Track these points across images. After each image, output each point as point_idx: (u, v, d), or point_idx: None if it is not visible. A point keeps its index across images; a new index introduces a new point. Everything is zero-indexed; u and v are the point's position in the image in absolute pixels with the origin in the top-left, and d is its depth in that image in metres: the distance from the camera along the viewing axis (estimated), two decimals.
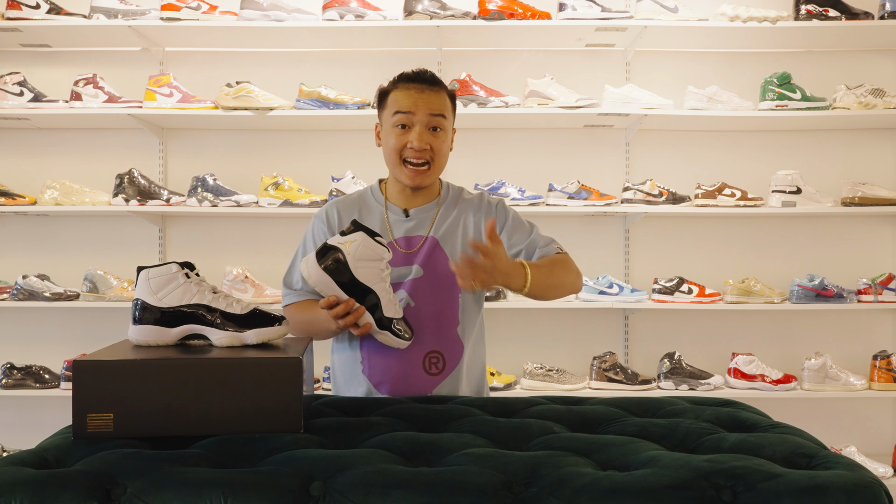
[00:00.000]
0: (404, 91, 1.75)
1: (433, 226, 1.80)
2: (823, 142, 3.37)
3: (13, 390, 3.11)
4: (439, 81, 1.79)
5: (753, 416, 1.38)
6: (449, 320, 1.77)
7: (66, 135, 3.38)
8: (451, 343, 1.76)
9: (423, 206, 1.82)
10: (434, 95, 1.75)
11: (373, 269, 1.50)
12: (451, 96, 1.80)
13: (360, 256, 1.48)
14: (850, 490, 1.00)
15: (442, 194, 1.85)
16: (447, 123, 1.77)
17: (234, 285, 3.12)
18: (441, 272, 1.76)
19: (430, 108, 1.73)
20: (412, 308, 1.74)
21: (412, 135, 1.72)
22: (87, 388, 1.20)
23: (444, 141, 1.76)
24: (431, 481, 1.03)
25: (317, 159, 3.35)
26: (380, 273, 1.52)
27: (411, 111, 1.73)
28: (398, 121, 1.74)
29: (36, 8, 3.10)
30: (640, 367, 3.32)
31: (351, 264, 1.48)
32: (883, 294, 3.14)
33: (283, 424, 1.22)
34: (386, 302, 1.53)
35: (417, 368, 1.74)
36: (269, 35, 3.18)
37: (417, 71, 1.78)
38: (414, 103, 1.73)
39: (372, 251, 1.49)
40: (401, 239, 1.79)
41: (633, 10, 3.13)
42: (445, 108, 1.76)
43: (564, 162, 3.35)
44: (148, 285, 1.35)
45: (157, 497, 1.02)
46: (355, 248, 1.47)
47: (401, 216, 1.81)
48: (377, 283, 1.51)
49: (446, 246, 1.79)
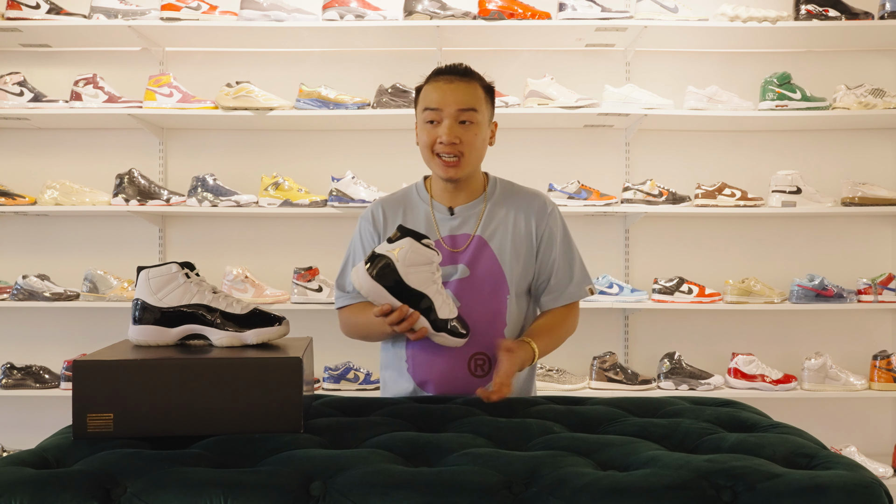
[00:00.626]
0: (434, 85, 1.73)
1: (480, 224, 1.77)
2: (823, 142, 3.37)
3: (13, 390, 3.11)
4: (472, 73, 1.75)
5: (753, 416, 1.38)
6: (496, 322, 1.74)
7: (66, 135, 3.38)
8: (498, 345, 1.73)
9: (468, 203, 1.79)
10: (464, 87, 1.71)
11: (423, 274, 1.49)
12: (486, 88, 1.76)
13: (410, 262, 1.47)
14: (850, 490, 1.00)
15: (488, 190, 1.82)
16: (478, 116, 1.72)
17: (234, 285, 3.12)
18: (488, 272, 1.74)
19: (458, 102, 1.70)
20: (459, 309, 1.71)
21: (441, 129, 1.70)
22: (87, 388, 1.20)
23: (477, 134, 1.72)
24: (431, 481, 1.03)
25: (317, 159, 3.35)
26: (430, 276, 1.50)
27: (439, 107, 1.70)
28: (427, 117, 1.72)
29: (36, 8, 3.10)
30: (640, 367, 3.32)
31: (401, 271, 1.47)
32: (883, 294, 3.14)
33: (283, 424, 1.22)
34: (440, 304, 1.52)
35: (462, 370, 1.72)
36: (269, 35, 3.18)
37: (451, 66, 1.76)
38: (442, 98, 1.70)
39: (421, 256, 1.48)
40: (447, 237, 1.77)
41: (633, 10, 3.13)
42: (477, 101, 1.72)
43: (564, 162, 3.35)
44: (148, 285, 1.35)
45: (157, 497, 1.02)
46: (404, 254, 1.46)
47: (446, 214, 1.79)
48: (429, 287, 1.50)
49: (493, 244, 1.76)
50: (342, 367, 3.14)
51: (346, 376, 3.13)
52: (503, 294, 1.75)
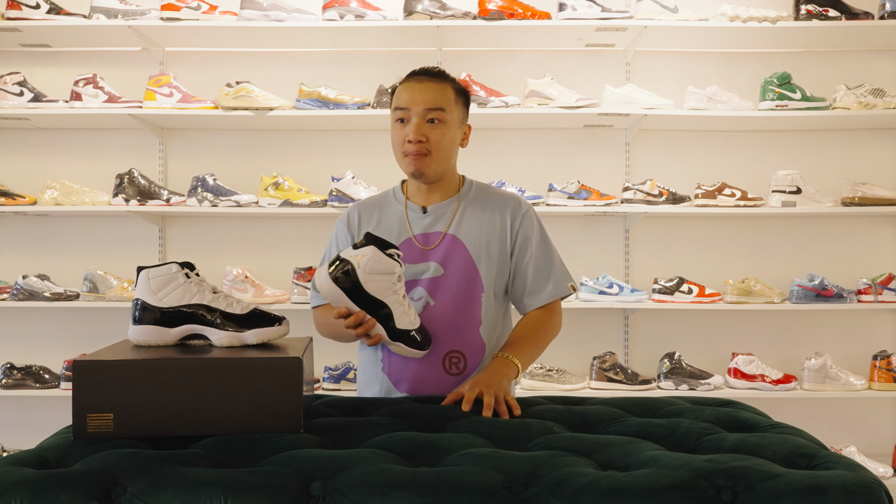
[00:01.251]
0: (404, 86, 1.75)
1: (452, 221, 1.78)
2: (823, 142, 3.37)
3: (13, 390, 3.11)
4: (444, 75, 1.77)
5: (753, 416, 1.38)
6: (471, 320, 1.74)
7: (66, 135, 3.38)
8: (472, 343, 1.74)
9: (441, 202, 1.80)
10: (433, 87, 1.73)
11: (383, 283, 1.50)
12: (458, 90, 1.78)
13: (371, 270, 1.48)
14: (850, 490, 1.00)
15: (462, 190, 1.83)
16: (446, 116, 1.73)
17: (234, 285, 3.12)
18: (461, 270, 1.74)
19: (426, 101, 1.71)
20: (431, 307, 1.72)
21: (409, 128, 1.72)
22: (87, 388, 1.20)
23: (444, 133, 1.73)
24: (431, 481, 1.03)
25: (317, 159, 3.35)
26: (391, 286, 1.51)
27: (408, 106, 1.72)
28: (396, 115, 1.74)
29: (36, 8, 3.10)
30: (640, 367, 3.32)
31: (361, 278, 1.48)
32: (883, 294, 3.14)
33: (283, 424, 1.22)
34: (399, 314, 1.53)
35: (437, 368, 1.72)
36: (269, 35, 3.18)
37: (424, 67, 1.78)
38: (411, 97, 1.72)
39: (382, 265, 1.49)
40: (419, 235, 1.78)
41: (633, 10, 3.13)
42: (445, 101, 1.73)
43: (564, 162, 3.35)
44: (148, 285, 1.35)
45: (157, 497, 1.02)
46: (366, 262, 1.48)
47: (419, 213, 1.80)
48: (389, 297, 1.51)
49: (466, 242, 1.76)
50: (342, 367, 3.14)
51: (346, 376, 3.13)
52: (478, 292, 1.75)
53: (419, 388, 1.72)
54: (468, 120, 1.84)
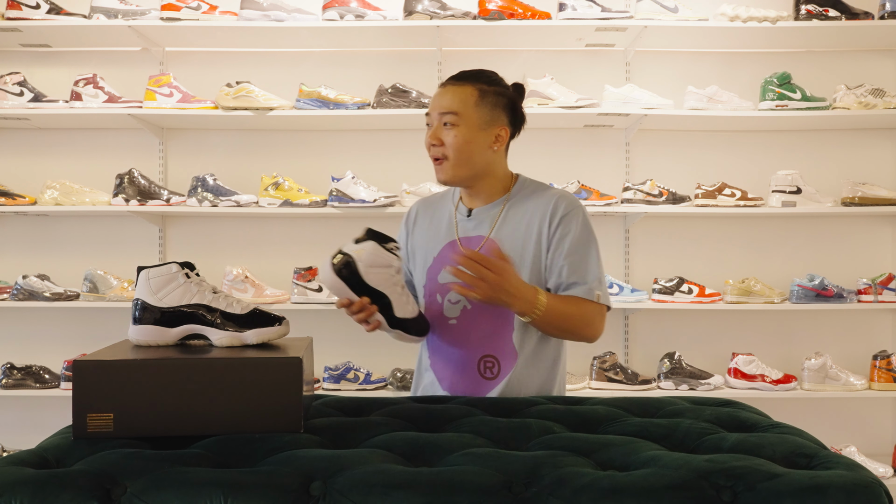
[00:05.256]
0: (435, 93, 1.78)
1: (495, 226, 1.75)
2: (823, 142, 3.37)
3: (13, 390, 3.11)
4: (473, 77, 1.73)
5: (753, 416, 1.38)
6: (504, 325, 1.72)
7: (66, 135, 3.38)
8: (505, 349, 1.72)
9: (485, 205, 1.78)
10: (452, 91, 1.71)
11: (382, 275, 1.57)
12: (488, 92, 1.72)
13: (370, 263, 1.56)
14: (850, 490, 1.00)
15: (512, 192, 1.79)
16: (459, 119, 1.69)
17: (234, 285, 3.12)
18: None
19: (441, 106, 1.71)
20: (468, 311, 1.73)
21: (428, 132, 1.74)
22: (87, 388, 1.20)
23: (457, 135, 1.69)
24: (431, 481, 1.03)
25: (317, 159, 3.35)
26: (390, 278, 1.59)
27: (429, 112, 1.75)
28: (427, 121, 1.77)
29: (36, 8, 3.10)
30: (640, 367, 3.32)
31: (361, 271, 1.55)
32: (883, 294, 3.14)
33: (283, 424, 1.22)
34: (397, 304, 1.61)
35: (472, 372, 1.73)
36: (269, 35, 3.18)
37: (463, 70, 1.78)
38: (431, 104, 1.75)
39: (381, 258, 1.56)
40: (463, 239, 1.78)
41: (633, 10, 3.13)
42: (461, 104, 1.69)
43: (564, 162, 3.35)
44: (148, 285, 1.35)
45: (157, 497, 1.02)
46: (365, 255, 1.55)
47: (465, 215, 1.80)
48: (388, 287, 1.59)
49: (504, 245, 1.72)
50: (342, 367, 3.14)
51: (346, 376, 3.13)
52: None
53: (456, 388, 1.75)
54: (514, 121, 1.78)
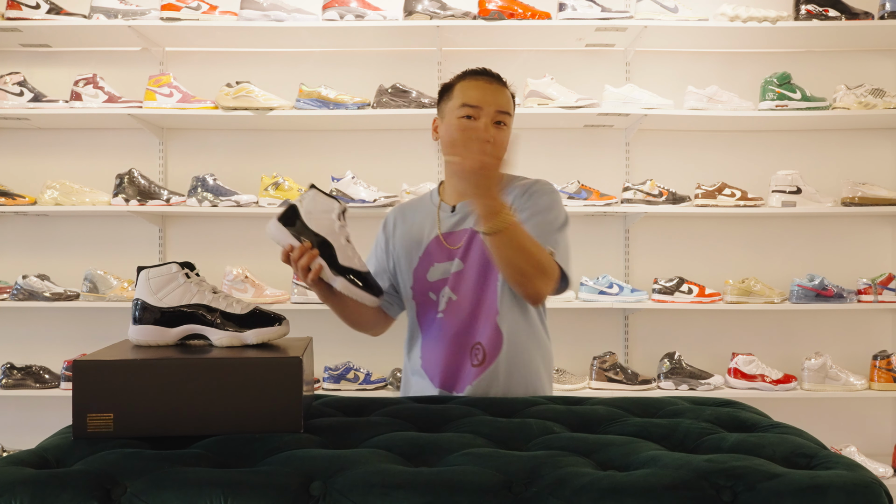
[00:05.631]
0: (472, 83, 1.74)
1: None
2: (823, 142, 3.37)
3: (13, 390, 3.11)
4: (504, 80, 1.78)
5: (753, 416, 1.38)
6: (488, 310, 1.74)
7: (66, 135, 3.39)
8: (491, 334, 1.74)
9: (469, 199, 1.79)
10: (500, 91, 1.74)
11: (324, 220, 1.60)
12: (513, 95, 1.79)
13: (311, 208, 1.61)
14: (850, 490, 1.00)
15: None
16: (509, 121, 1.75)
17: (234, 285, 3.12)
18: (478, 259, 1.73)
19: (498, 103, 1.71)
20: (454, 302, 1.74)
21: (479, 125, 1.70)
22: (87, 388, 1.20)
23: (507, 137, 1.73)
24: (431, 481, 1.03)
25: (317, 159, 3.35)
26: (332, 224, 1.60)
27: (479, 104, 1.70)
28: (465, 112, 1.71)
29: (36, 8, 3.10)
30: (640, 367, 3.32)
31: (303, 215, 1.61)
32: (883, 294, 3.14)
33: (283, 424, 1.22)
34: (342, 254, 1.60)
35: (465, 360, 1.75)
36: (269, 35, 3.18)
37: (485, 68, 1.79)
38: (482, 96, 1.71)
39: (322, 203, 1.61)
40: (446, 234, 1.78)
41: (633, 10, 3.13)
42: (510, 107, 1.75)
43: (564, 162, 3.35)
44: (148, 285, 1.35)
45: (157, 497, 1.02)
46: (307, 201, 1.61)
47: (448, 212, 1.81)
48: (330, 234, 1.60)
49: None
50: (342, 367, 3.14)
51: (346, 376, 3.13)
52: (493, 280, 1.73)
53: (450, 382, 1.75)
54: None
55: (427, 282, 1.78)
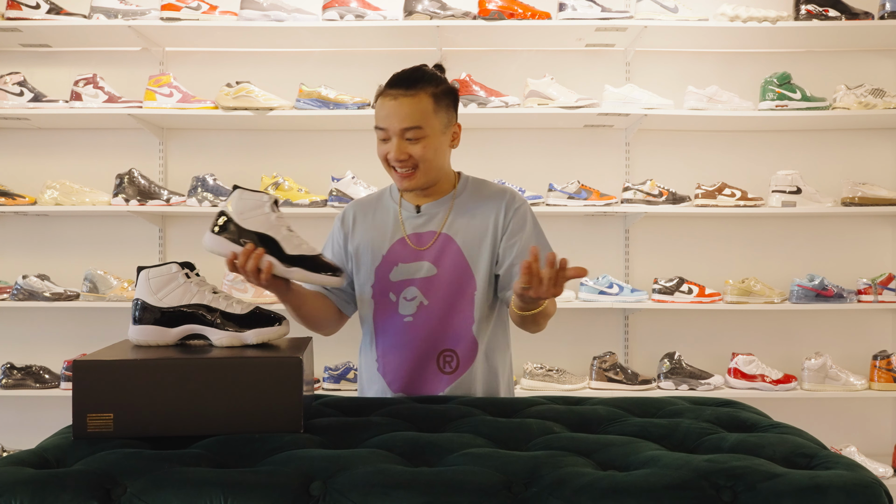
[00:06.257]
0: (382, 101, 1.71)
1: (446, 221, 1.77)
2: (823, 142, 3.37)
3: (13, 390, 3.11)
4: (420, 82, 1.69)
5: (753, 416, 1.38)
6: (464, 318, 1.73)
7: (66, 135, 3.38)
8: (465, 342, 1.74)
9: (434, 201, 1.79)
10: (408, 103, 1.67)
11: (258, 217, 1.52)
12: (439, 94, 1.71)
13: (242, 209, 1.52)
14: (850, 490, 1.00)
15: (457, 188, 1.81)
16: (425, 131, 1.67)
17: (234, 285, 3.12)
18: (454, 268, 1.73)
19: (402, 121, 1.66)
20: (425, 306, 1.73)
21: (390, 146, 1.69)
22: (87, 388, 1.20)
23: (427, 146, 1.68)
24: (431, 481, 1.03)
25: (317, 159, 3.35)
26: (268, 218, 1.53)
27: (385, 126, 1.69)
28: (378, 134, 1.72)
29: (36, 8, 3.10)
30: (640, 367, 3.32)
31: (236, 218, 1.52)
32: (883, 294, 3.14)
33: (283, 424, 1.22)
34: (287, 244, 1.53)
35: (431, 367, 1.73)
36: (269, 35, 3.18)
37: (401, 74, 1.73)
38: (387, 116, 1.68)
39: (250, 200, 1.53)
40: (412, 235, 1.77)
41: (633, 10, 3.13)
42: (422, 116, 1.67)
43: (564, 162, 3.35)
44: (148, 285, 1.36)
45: (157, 497, 1.02)
46: (235, 203, 1.52)
47: (412, 212, 1.79)
48: (269, 228, 1.52)
49: (459, 240, 1.75)
50: (342, 367, 3.14)
51: (346, 376, 3.13)
52: (471, 290, 1.74)
53: (413, 386, 1.73)
54: (458, 118, 1.79)
55: (389, 281, 1.76)
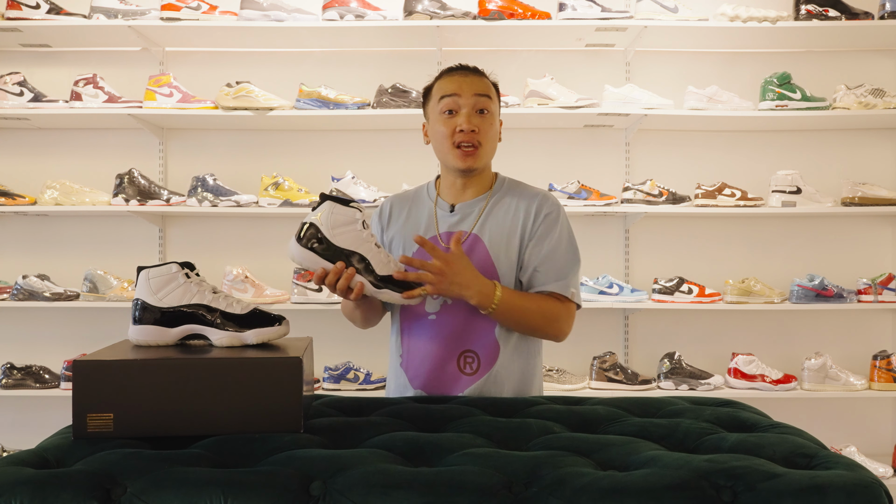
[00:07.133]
0: (448, 78, 1.77)
1: (478, 221, 1.77)
2: (823, 142, 3.37)
3: (13, 390, 3.11)
4: (482, 70, 1.80)
5: (753, 416, 1.38)
6: (486, 320, 1.71)
7: (66, 135, 3.39)
8: (487, 344, 1.72)
9: (470, 200, 1.79)
10: (478, 79, 1.76)
11: (350, 233, 1.49)
12: (494, 84, 1.81)
13: (334, 224, 1.49)
14: (850, 490, 1.00)
15: (494, 188, 1.81)
16: (493, 106, 1.76)
17: (234, 285, 3.12)
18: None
19: (475, 89, 1.73)
20: (448, 306, 1.72)
21: (460, 118, 1.72)
22: (87, 388, 1.20)
23: (492, 124, 1.75)
24: (431, 481, 1.03)
25: (317, 159, 3.35)
26: (359, 234, 1.50)
27: (457, 93, 1.72)
28: (445, 106, 1.73)
29: (36, 8, 3.10)
30: (640, 367, 3.32)
31: (327, 233, 1.48)
32: (883, 294, 3.14)
33: (283, 424, 1.22)
34: (376, 262, 1.51)
35: (452, 366, 1.72)
36: (269, 35, 3.18)
37: (459, 64, 1.82)
38: (459, 86, 1.73)
39: (343, 216, 1.49)
40: (444, 234, 1.77)
41: (633, 10, 3.13)
42: (490, 91, 1.76)
43: (564, 162, 3.35)
44: (148, 285, 1.35)
45: (157, 497, 1.02)
46: (326, 216, 1.48)
47: (447, 211, 1.79)
48: (360, 245, 1.50)
49: (487, 241, 1.74)
50: (342, 367, 3.14)
51: (346, 376, 3.13)
52: None
53: (433, 385, 1.72)
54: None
55: None
